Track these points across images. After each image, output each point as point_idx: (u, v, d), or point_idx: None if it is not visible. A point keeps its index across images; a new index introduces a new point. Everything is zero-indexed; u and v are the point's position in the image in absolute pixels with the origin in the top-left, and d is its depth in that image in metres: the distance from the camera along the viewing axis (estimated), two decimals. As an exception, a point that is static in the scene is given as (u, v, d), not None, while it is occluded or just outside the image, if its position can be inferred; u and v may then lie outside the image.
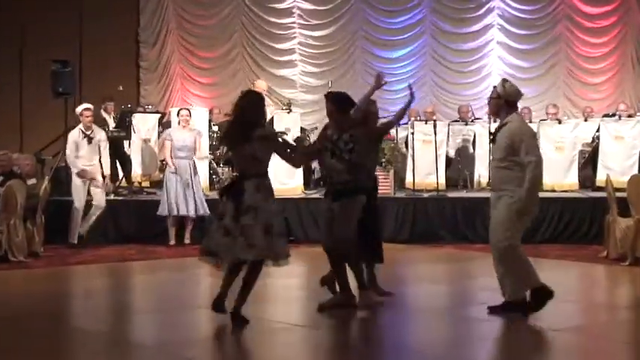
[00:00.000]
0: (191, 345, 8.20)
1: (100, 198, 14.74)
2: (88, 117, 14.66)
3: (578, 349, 8.17)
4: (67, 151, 14.71)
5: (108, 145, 15.10)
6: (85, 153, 14.63)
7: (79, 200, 14.59)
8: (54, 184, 15.13)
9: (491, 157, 9.60)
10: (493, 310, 9.02)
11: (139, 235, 15.10)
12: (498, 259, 8.86)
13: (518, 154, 8.69)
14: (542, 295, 8.81)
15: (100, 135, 14.90)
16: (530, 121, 16.53)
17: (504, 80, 9.18)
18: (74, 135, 14.68)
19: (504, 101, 8.94)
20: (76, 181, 14.57)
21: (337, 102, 9.46)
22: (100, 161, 14.75)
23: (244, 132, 8.55)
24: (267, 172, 8.64)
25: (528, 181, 8.69)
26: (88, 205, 14.70)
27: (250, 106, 8.71)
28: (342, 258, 9.21)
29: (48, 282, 12.02)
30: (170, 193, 14.61)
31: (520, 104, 9.45)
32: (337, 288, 9.35)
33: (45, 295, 11.06)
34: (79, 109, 14.86)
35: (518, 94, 9.04)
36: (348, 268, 9.32)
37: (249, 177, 8.55)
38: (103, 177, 14.86)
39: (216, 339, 8.61)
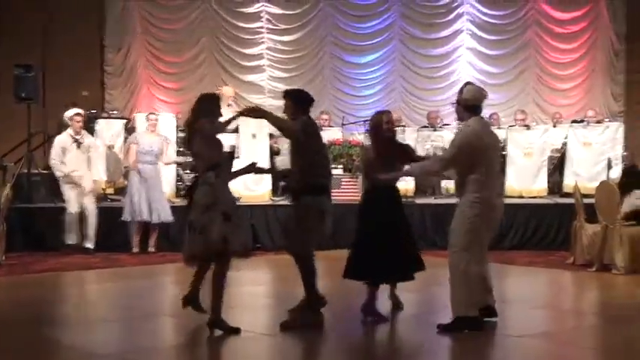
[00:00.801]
0: (155, 354, 8.22)
1: (90, 205, 14.77)
2: (78, 122, 14.74)
3: (544, 355, 8.24)
4: (52, 155, 14.75)
5: (100, 150, 15.19)
6: (73, 158, 14.65)
7: (73, 207, 14.65)
8: (16, 191, 15.08)
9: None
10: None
11: (103, 243, 15.05)
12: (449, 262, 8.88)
13: (469, 159, 8.77)
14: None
15: (89, 140, 14.94)
16: (499, 127, 16.65)
17: (465, 84, 9.17)
18: (62, 140, 14.73)
19: (462, 106, 8.91)
20: (66, 191, 14.60)
21: (298, 99, 9.30)
22: (89, 168, 14.83)
23: (189, 132, 8.92)
24: (215, 165, 8.75)
25: (422, 164, 8.99)
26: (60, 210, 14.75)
27: (194, 107, 8.98)
28: (303, 263, 9.12)
29: (9, 290, 11.97)
30: (134, 198, 14.60)
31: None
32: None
33: (5, 304, 11.03)
34: (69, 114, 14.92)
35: (477, 98, 8.92)
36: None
37: (200, 175, 8.85)
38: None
39: (181, 348, 8.63)
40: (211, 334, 8.65)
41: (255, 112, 9.55)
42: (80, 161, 14.76)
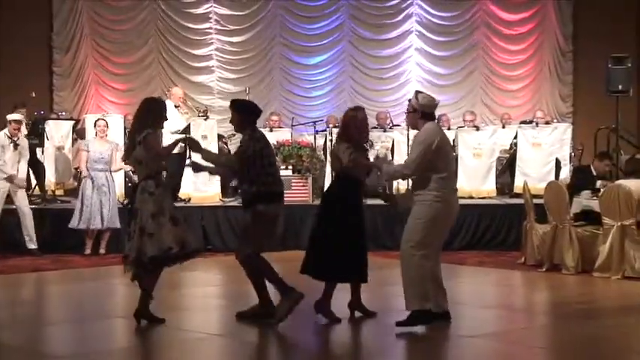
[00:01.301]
0: (107, 356, 8.19)
1: (23, 205, 14.63)
2: (15, 129, 14.66)
3: (495, 355, 8.31)
4: None
5: (28, 151, 15.08)
6: (10, 158, 14.56)
7: None
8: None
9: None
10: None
11: (53, 245, 14.96)
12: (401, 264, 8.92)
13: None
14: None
15: (24, 142, 14.87)
16: (449, 128, 16.75)
17: (417, 92, 9.17)
18: (1, 139, 14.60)
19: (420, 113, 8.94)
20: None
21: (244, 112, 9.39)
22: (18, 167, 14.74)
23: (131, 139, 9.08)
24: (156, 173, 8.98)
25: (392, 168, 9.04)
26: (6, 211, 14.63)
27: (138, 114, 9.19)
28: (254, 269, 9.17)
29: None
30: (85, 205, 14.52)
31: (438, 111, 9.54)
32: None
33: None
34: (9, 117, 14.78)
35: (433, 104, 9.04)
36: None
37: (140, 181, 9.02)
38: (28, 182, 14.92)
39: (133, 349, 8.61)
40: (138, 325, 8.81)
41: (197, 148, 9.59)
42: (16, 162, 14.68)
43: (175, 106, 16.16)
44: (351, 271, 9.29)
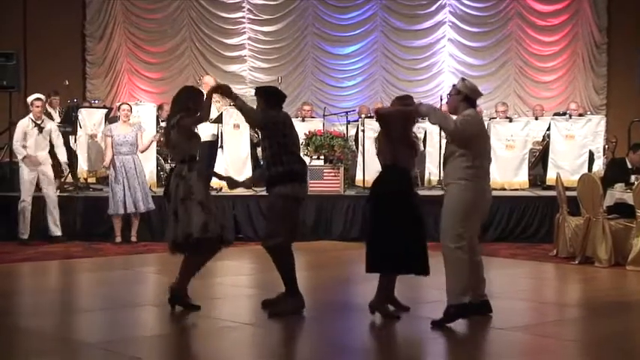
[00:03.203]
0: (137, 343, 8.20)
1: (51, 192, 14.70)
2: (38, 107, 14.68)
3: (527, 347, 8.26)
4: (15, 139, 14.69)
5: (60, 135, 15.11)
6: (34, 143, 14.59)
7: (27, 194, 14.54)
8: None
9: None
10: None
11: (85, 232, 15.04)
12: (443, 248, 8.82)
13: (465, 146, 8.69)
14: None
15: (50, 125, 14.89)
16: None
17: (463, 79, 9.11)
18: (24, 123, 14.68)
19: (464, 96, 8.77)
20: (24, 175, 14.51)
21: (266, 96, 9.35)
22: (54, 152, 14.77)
23: (167, 124, 9.20)
24: (190, 158, 9.02)
25: (445, 116, 8.84)
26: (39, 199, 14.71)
27: (174, 100, 9.23)
28: (279, 256, 9.10)
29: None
30: (116, 191, 14.55)
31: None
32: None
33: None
34: (29, 99, 14.85)
35: (478, 92, 8.94)
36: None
37: (175, 165, 9.18)
38: (60, 166, 14.87)
39: (164, 337, 8.62)
40: (172, 311, 8.87)
41: (227, 92, 9.57)
42: (42, 146, 14.71)
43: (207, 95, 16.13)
44: (413, 262, 9.08)
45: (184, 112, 9.02)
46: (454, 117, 8.76)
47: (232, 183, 9.91)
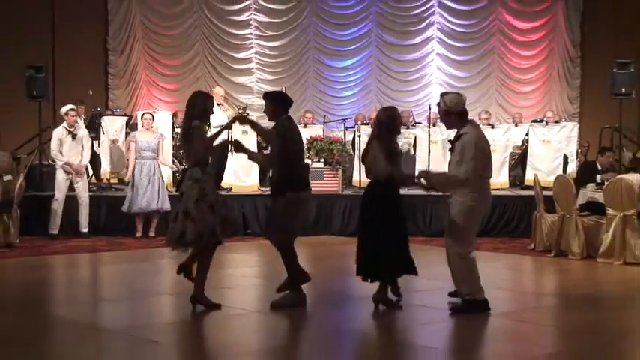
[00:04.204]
0: (155, 328, 8.22)
1: (82, 192, 14.78)
2: (73, 116, 14.78)
3: (507, 331, 8.28)
4: (52, 147, 14.80)
5: (90, 141, 15.20)
6: (68, 149, 14.68)
7: (60, 193, 14.63)
8: (28, 180, 15.10)
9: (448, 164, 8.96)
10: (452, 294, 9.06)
11: (108, 228, 15.09)
12: (449, 254, 8.73)
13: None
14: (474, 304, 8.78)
15: (82, 132, 14.95)
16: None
17: (443, 94, 8.87)
18: (58, 132, 14.79)
19: (455, 114, 8.63)
20: (59, 176, 14.61)
21: (276, 101, 9.21)
22: (82, 155, 14.84)
23: (183, 129, 9.10)
24: (203, 162, 8.88)
25: (447, 175, 8.67)
26: (69, 198, 14.75)
27: (187, 106, 9.06)
28: (284, 252, 9.06)
29: (22, 271, 11.96)
30: (138, 191, 14.59)
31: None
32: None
33: (19, 284, 11.03)
34: (64, 109, 14.91)
35: (462, 101, 8.71)
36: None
37: (188, 168, 9.08)
38: (87, 172, 14.98)
39: (180, 324, 8.63)
40: (194, 309, 8.74)
41: (244, 121, 9.82)
42: (75, 151, 14.77)
43: (217, 104, 16.19)
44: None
45: (198, 116, 8.94)
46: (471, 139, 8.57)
47: (239, 147, 9.63)
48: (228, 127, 14.86)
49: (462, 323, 8.47)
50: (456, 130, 8.78)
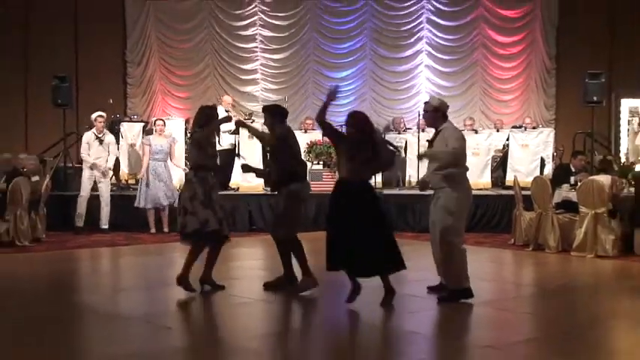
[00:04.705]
0: (169, 315, 8.24)
1: (105, 192, 14.86)
2: (100, 122, 14.90)
3: (489, 318, 8.30)
4: (82, 149, 14.99)
5: (116, 146, 15.42)
6: (95, 152, 14.76)
7: (85, 191, 14.72)
8: (54, 181, 15.16)
9: (427, 162, 9.08)
10: (433, 289, 9.08)
11: (126, 224, 15.09)
12: (441, 247, 8.74)
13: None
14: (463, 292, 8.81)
15: (109, 138, 15.00)
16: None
17: (433, 97, 9.20)
18: (88, 136, 14.91)
19: (441, 113, 8.80)
20: (85, 175, 14.67)
21: (272, 113, 9.46)
22: (107, 160, 14.91)
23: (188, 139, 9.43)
24: (197, 166, 9.13)
25: (439, 151, 8.67)
26: (92, 197, 14.82)
27: (195, 118, 9.60)
28: (287, 247, 9.23)
29: (49, 263, 11.97)
30: (150, 188, 14.65)
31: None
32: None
33: (46, 275, 11.03)
34: (93, 116, 15.01)
35: (446, 106, 8.94)
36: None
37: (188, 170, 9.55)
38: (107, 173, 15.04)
39: (192, 311, 8.66)
40: (202, 289, 9.03)
41: (241, 124, 10.51)
42: (102, 155, 14.83)
43: (226, 111, 16.22)
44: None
45: (199, 127, 9.18)
46: (453, 140, 8.62)
47: (247, 168, 9.82)
48: (236, 132, 15.02)
49: (448, 311, 8.48)
50: (434, 130, 8.96)
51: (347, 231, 8.33)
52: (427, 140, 9.09)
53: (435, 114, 8.87)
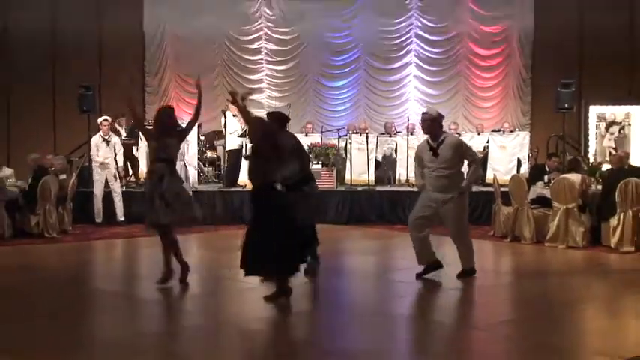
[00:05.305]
0: (184, 299, 8.24)
1: (116, 188, 14.84)
2: (105, 126, 14.87)
3: (471, 301, 8.32)
4: (91, 152, 14.92)
5: (122, 149, 15.29)
6: (103, 153, 14.72)
7: (97, 189, 14.74)
8: (79, 179, 15.15)
9: (432, 167, 8.96)
10: (420, 275, 9.11)
11: (142, 217, 15.00)
12: (461, 241, 9.18)
13: (462, 160, 8.83)
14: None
15: (114, 139, 14.99)
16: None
17: (431, 108, 9.33)
18: (95, 139, 14.88)
19: (438, 123, 8.95)
20: (96, 176, 14.67)
21: (275, 119, 9.29)
22: (115, 159, 14.85)
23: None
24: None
25: (473, 173, 8.87)
26: (108, 194, 14.82)
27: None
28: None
29: (75, 253, 11.97)
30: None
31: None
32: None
33: (73, 263, 11.02)
34: (99, 120, 15.05)
35: (443, 117, 9.19)
36: None
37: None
38: (118, 172, 14.95)
39: (202, 295, 8.64)
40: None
41: (234, 100, 9.24)
42: (109, 155, 14.84)
43: (233, 115, 16.26)
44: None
45: (162, 126, 8.99)
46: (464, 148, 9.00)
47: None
48: (244, 135, 14.94)
49: (433, 296, 8.51)
50: (428, 136, 9.07)
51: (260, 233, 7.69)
52: (430, 148, 8.99)
53: (433, 123, 9.00)
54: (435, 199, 8.90)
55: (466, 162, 9.01)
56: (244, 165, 15.93)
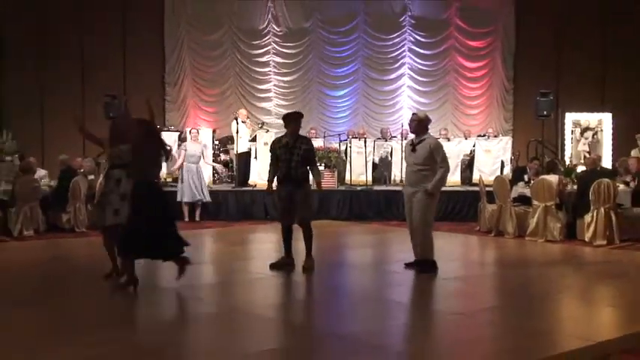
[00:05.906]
0: (200, 288, 8.25)
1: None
2: None
3: (459, 290, 8.30)
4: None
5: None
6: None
7: None
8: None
9: (410, 162, 9.08)
10: (408, 265, 9.11)
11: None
12: (420, 232, 8.90)
13: (436, 161, 8.78)
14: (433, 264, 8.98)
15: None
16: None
17: (421, 111, 9.37)
18: None
19: (424, 124, 8.98)
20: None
21: (283, 119, 9.49)
22: None
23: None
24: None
25: (439, 178, 8.78)
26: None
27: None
28: (309, 229, 9.16)
29: (102, 246, 11.93)
30: (184, 186, 14.70)
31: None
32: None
33: (101, 255, 11.00)
34: None
35: (430, 120, 9.21)
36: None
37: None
38: None
39: (217, 284, 8.65)
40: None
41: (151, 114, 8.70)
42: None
43: (243, 122, 16.30)
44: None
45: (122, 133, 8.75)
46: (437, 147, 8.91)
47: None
48: (254, 139, 14.88)
49: (425, 285, 8.49)
50: (414, 136, 9.14)
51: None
52: (411, 144, 9.07)
53: (419, 124, 9.05)
54: (409, 193, 8.95)
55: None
56: (254, 166, 16.01)
